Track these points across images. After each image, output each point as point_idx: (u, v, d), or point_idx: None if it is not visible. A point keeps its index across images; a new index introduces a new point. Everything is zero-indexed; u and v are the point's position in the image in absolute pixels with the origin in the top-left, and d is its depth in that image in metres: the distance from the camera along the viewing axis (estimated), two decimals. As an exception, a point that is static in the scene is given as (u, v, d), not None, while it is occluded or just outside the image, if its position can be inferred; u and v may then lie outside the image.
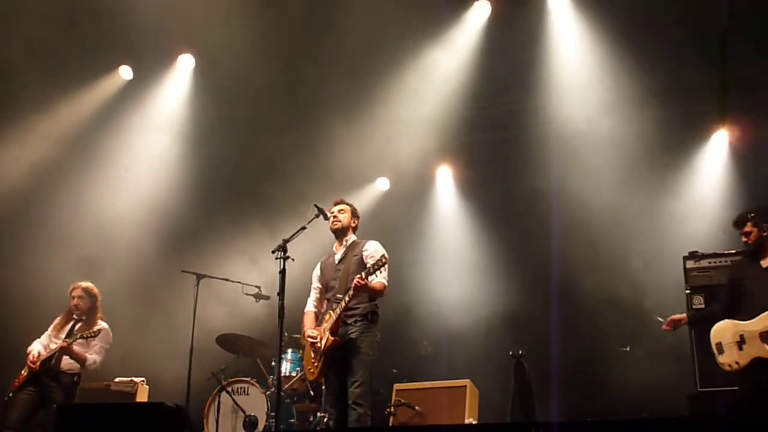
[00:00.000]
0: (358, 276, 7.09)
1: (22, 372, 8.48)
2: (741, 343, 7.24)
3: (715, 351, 7.43)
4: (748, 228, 7.49)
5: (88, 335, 8.32)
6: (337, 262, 7.57)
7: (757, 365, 7.16)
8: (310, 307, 7.63)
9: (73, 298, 8.74)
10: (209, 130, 11.61)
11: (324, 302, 7.57)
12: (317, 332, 7.28)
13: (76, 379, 8.52)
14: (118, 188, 11.26)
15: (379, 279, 7.23)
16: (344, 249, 7.60)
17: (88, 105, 11.25)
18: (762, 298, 7.26)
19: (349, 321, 7.25)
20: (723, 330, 7.42)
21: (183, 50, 11.29)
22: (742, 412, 7.25)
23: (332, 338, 7.14)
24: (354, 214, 7.76)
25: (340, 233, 7.66)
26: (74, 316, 8.72)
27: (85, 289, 8.77)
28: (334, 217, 7.64)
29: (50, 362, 8.39)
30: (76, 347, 8.38)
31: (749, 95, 9.97)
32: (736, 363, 7.25)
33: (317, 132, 11.26)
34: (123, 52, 11.16)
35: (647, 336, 9.28)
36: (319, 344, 7.21)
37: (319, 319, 7.48)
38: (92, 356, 8.53)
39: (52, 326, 8.76)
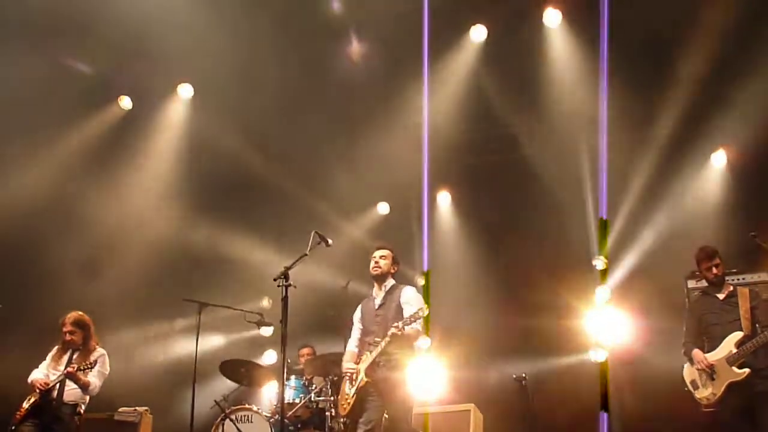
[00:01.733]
0: (396, 326, 7.34)
1: (23, 405, 8.32)
2: (712, 374, 7.51)
3: (691, 389, 7.79)
4: (717, 261, 7.79)
5: (86, 367, 8.24)
6: (377, 307, 7.85)
7: (733, 390, 7.45)
8: (352, 347, 7.94)
9: (65, 334, 8.51)
10: (210, 156, 11.63)
11: (364, 344, 7.80)
12: (355, 367, 7.61)
13: (78, 409, 8.46)
14: (120, 214, 11.29)
15: (414, 326, 7.46)
16: (383, 294, 7.87)
17: (91, 133, 11.30)
18: (723, 328, 7.65)
19: (384, 365, 7.47)
20: (693, 368, 7.74)
21: (182, 80, 11.32)
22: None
23: (365, 379, 7.44)
24: (394, 260, 7.99)
25: (380, 278, 7.91)
26: (70, 347, 8.50)
27: (75, 323, 8.51)
28: (375, 262, 7.90)
29: (52, 393, 8.29)
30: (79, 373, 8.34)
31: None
32: (713, 394, 7.58)
33: (319, 157, 11.30)
34: (123, 83, 11.21)
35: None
36: (354, 379, 7.53)
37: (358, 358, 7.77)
38: (93, 380, 8.44)
39: (50, 357, 8.55)
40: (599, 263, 10.27)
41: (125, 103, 11.44)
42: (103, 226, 11.09)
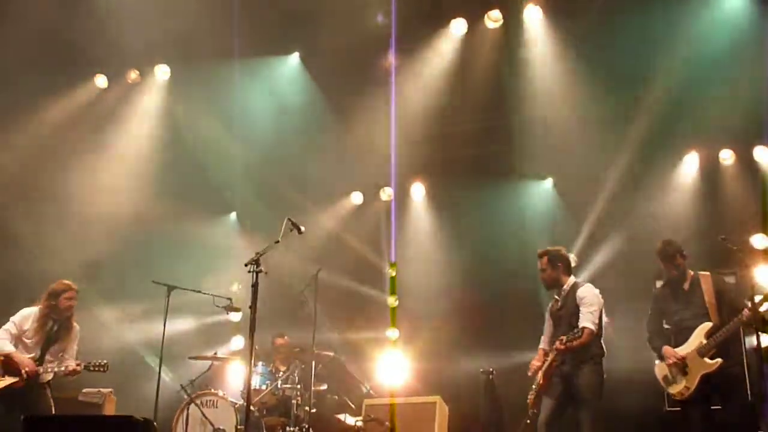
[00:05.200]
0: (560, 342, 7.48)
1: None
2: (684, 367, 7.51)
3: (664, 385, 7.81)
4: (679, 260, 7.82)
5: (96, 368, 8.10)
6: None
7: (706, 382, 7.48)
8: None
9: (70, 299, 8.33)
10: (185, 139, 11.56)
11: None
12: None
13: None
14: (94, 192, 11.21)
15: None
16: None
17: (65, 111, 11.21)
18: (691, 319, 7.68)
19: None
20: (664, 364, 7.75)
21: (159, 60, 11.24)
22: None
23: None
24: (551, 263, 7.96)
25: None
26: (52, 317, 8.27)
27: (78, 291, 8.45)
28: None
29: (39, 378, 8.05)
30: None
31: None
32: (687, 388, 7.59)
33: (292, 146, 11.27)
34: (99, 62, 11.13)
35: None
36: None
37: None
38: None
39: (30, 329, 8.18)
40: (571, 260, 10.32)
41: (100, 82, 11.35)
42: (73, 206, 10.99)
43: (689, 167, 10.67)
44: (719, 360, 7.43)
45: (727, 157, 10.54)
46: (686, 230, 9.84)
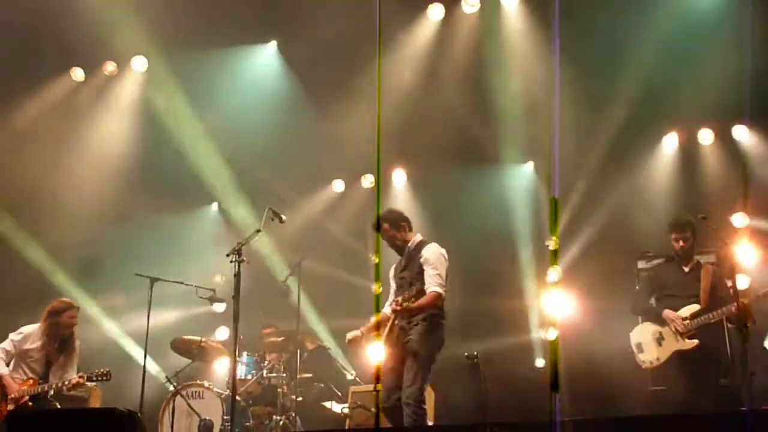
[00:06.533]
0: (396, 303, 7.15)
1: (5, 403, 8.00)
2: (660, 339, 7.58)
3: (635, 350, 7.90)
4: (687, 234, 7.79)
5: (96, 375, 8.08)
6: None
7: (676, 359, 7.55)
8: None
9: (72, 318, 8.43)
10: (164, 130, 11.49)
11: None
12: None
13: None
14: (73, 186, 11.17)
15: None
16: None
17: (43, 105, 11.13)
18: (683, 300, 7.73)
19: None
20: (642, 331, 7.91)
21: (136, 52, 11.18)
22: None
23: None
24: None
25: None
26: (53, 336, 8.34)
27: (79, 309, 8.58)
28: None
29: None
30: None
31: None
32: (657, 359, 7.69)
33: (271, 135, 11.25)
34: (76, 55, 11.05)
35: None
36: None
37: None
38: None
39: (33, 348, 8.26)
40: (551, 243, 10.35)
41: (77, 74, 11.29)
42: (51, 200, 10.94)
43: (668, 147, 10.70)
44: (696, 341, 7.51)
45: (706, 136, 10.58)
46: (666, 210, 9.88)
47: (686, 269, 7.90)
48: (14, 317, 8.95)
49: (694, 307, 7.64)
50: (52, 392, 8.15)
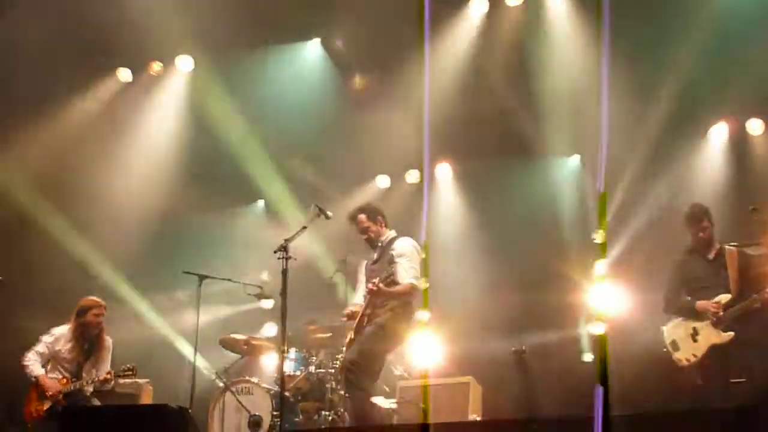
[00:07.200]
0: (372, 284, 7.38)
1: (37, 405, 8.16)
2: (695, 335, 7.41)
3: (670, 349, 7.77)
4: (705, 223, 7.69)
5: (123, 372, 8.21)
6: None
7: (713, 353, 7.38)
8: None
9: (98, 315, 8.55)
10: (210, 129, 11.60)
11: None
12: None
13: None
14: (122, 185, 11.31)
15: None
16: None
17: (90, 106, 11.28)
18: (713, 291, 7.61)
19: None
20: (675, 327, 7.72)
21: (181, 51, 11.27)
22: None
23: None
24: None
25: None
26: (84, 335, 8.48)
27: (105, 307, 8.66)
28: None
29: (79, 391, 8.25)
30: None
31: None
32: (693, 356, 7.54)
33: (316, 132, 11.29)
34: (122, 56, 11.18)
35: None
36: None
37: None
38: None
39: (65, 349, 8.40)
40: (598, 237, 10.25)
41: (124, 75, 11.41)
42: (101, 200, 11.08)
43: (717, 138, 10.55)
44: (731, 334, 7.37)
45: (756, 126, 10.41)
46: (714, 201, 9.74)
47: (711, 257, 7.80)
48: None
49: (725, 297, 7.52)
50: (90, 389, 8.31)
